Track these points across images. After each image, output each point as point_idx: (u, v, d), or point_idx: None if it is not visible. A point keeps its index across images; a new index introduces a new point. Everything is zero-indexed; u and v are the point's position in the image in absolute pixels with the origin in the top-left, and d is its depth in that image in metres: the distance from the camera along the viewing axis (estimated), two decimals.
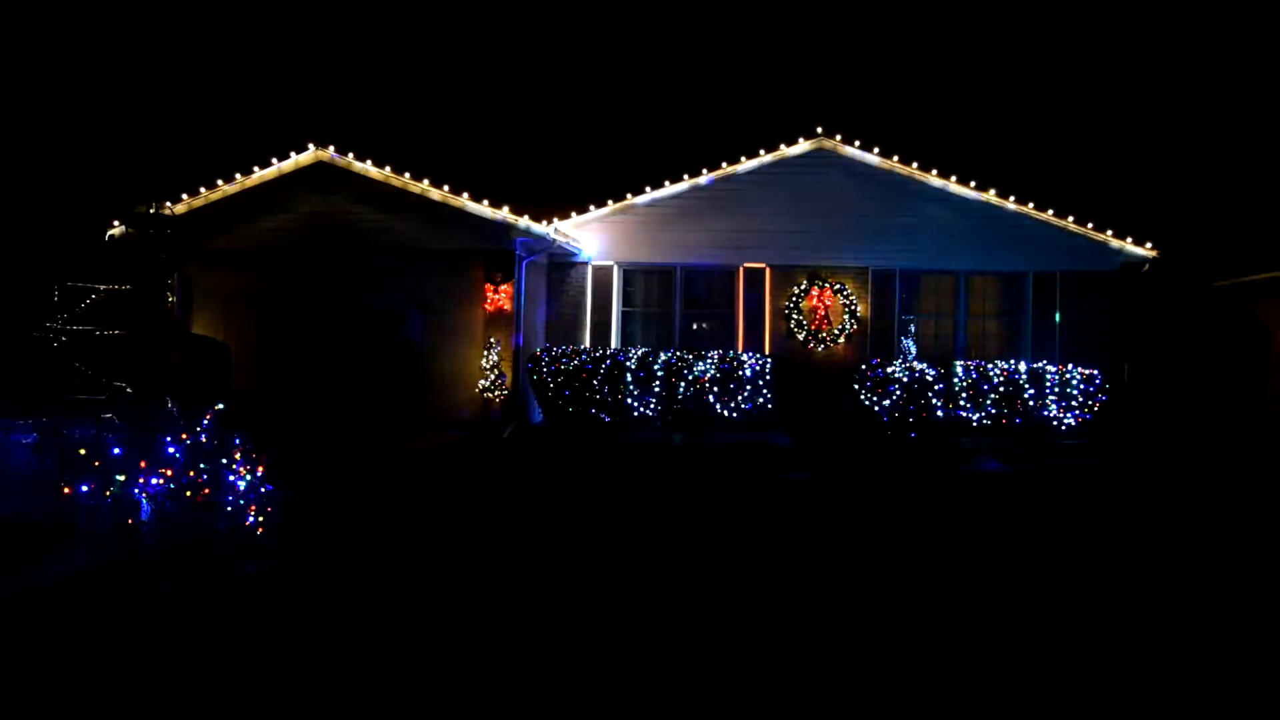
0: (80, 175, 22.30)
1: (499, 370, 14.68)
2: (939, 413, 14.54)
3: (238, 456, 6.40)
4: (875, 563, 7.24)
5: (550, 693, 4.64)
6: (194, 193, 15.33)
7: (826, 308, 16.25)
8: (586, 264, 16.75)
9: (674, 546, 7.63)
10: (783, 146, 16.42)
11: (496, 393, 14.65)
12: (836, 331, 16.23)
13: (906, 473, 11.62)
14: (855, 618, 5.85)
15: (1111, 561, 7.46)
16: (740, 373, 14.67)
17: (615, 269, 16.79)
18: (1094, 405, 14.62)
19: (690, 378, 14.60)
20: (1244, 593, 6.65)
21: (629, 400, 14.68)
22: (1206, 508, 9.91)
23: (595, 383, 14.68)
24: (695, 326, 16.94)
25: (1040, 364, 15.06)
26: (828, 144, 16.37)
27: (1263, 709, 4.68)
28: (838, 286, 16.27)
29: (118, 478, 6.02)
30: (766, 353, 16.01)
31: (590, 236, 16.69)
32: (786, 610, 5.98)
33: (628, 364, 14.68)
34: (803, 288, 16.36)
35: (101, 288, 12.57)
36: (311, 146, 15.26)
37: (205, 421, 6.35)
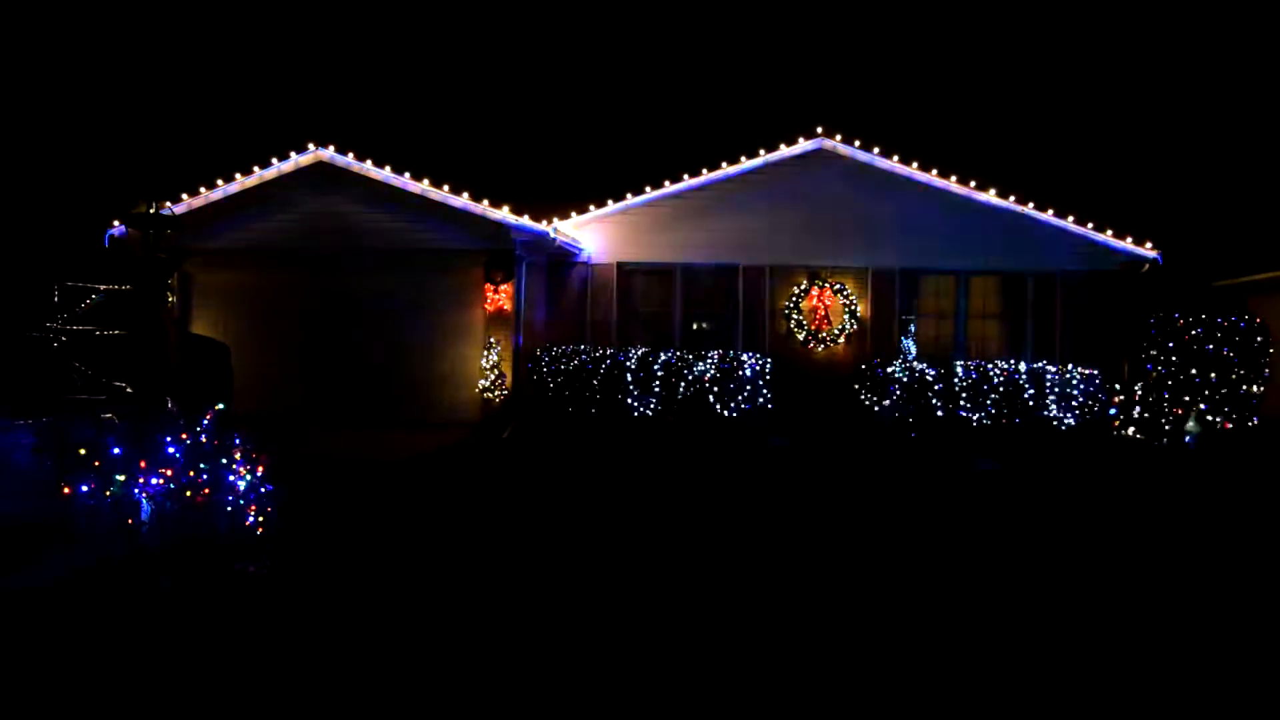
0: (80, 175, 22.30)
1: (499, 370, 14.67)
2: (939, 413, 14.54)
3: (238, 456, 6.40)
4: (870, 563, 7.24)
5: (549, 690, 4.64)
6: (194, 193, 15.34)
7: (826, 308, 16.25)
8: (586, 264, 16.75)
9: (672, 547, 7.63)
10: (782, 146, 16.42)
11: (496, 393, 14.65)
12: (836, 331, 16.23)
13: (906, 473, 11.62)
14: (851, 617, 5.85)
15: (1108, 562, 7.46)
16: (740, 373, 14.67)
17: (615, 269, 16.79)
18: (1094, 405, 14.62)
19: (690, 378, 14.60)
20: (1244, 594, 6.65)
21: (629, 400, 14.68)
22: (1208, 509, 9.91)
23: (595, 383, 14.69)
24: (695, 326, 16.94)
25: (1040, 364, 15.06)
26: (827, 144, 16.37)
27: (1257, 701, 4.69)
28: (838, 286, 16.27)
29: (118, 478, 6.02)
30: (766, 353, 16.01)
31: (590, 236, 16.69)
32: (784, 611, 5.98)
33: (628, 364, 14.68)
34: (803, 288, 16.36)
35: (101, 288, 12.57)
36: (311, 146, 15.26)
37: (205, 421, 6.35)
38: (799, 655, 5.17)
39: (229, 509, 6.21)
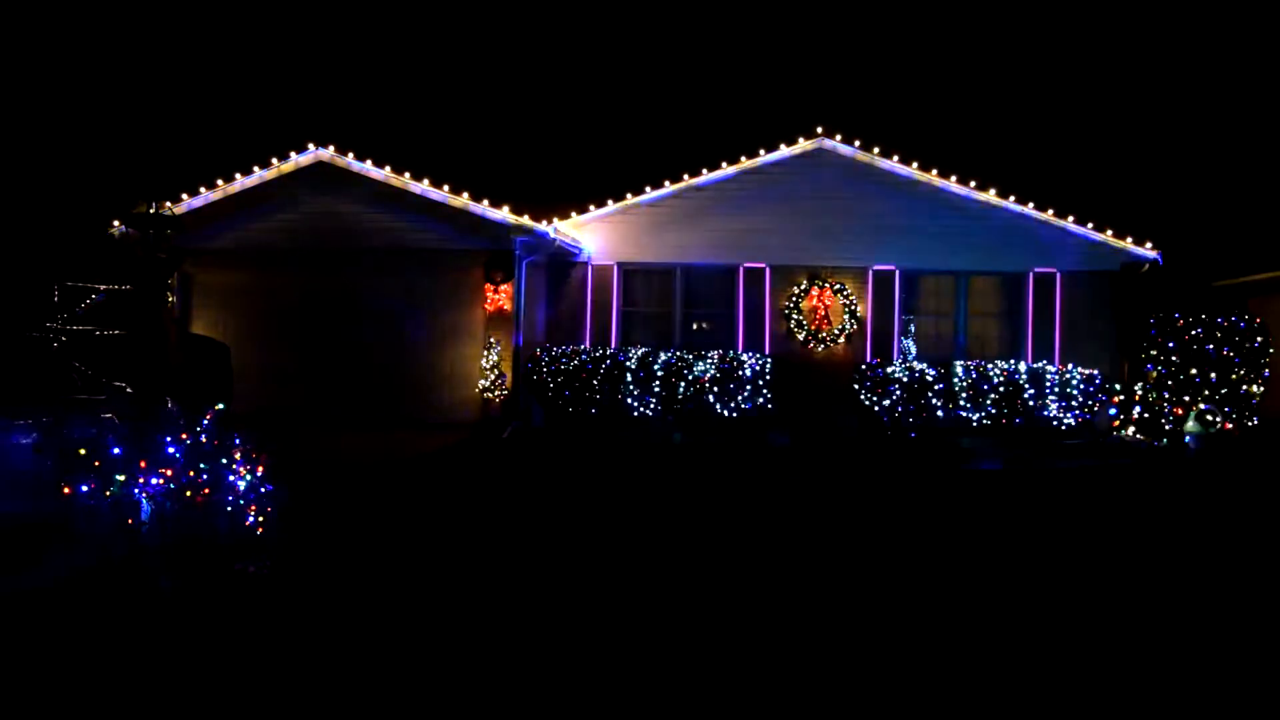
0: (80, 175, 22.29)
1: (499, 370, 14.67)
2: (939, 413, 14.54)
3: (238, 456, 6.40)
4: (871, 562, 7.24)
5: (548, 691, 4.64)
6: (194, 193, 15.34)
7: (826, 308, 16.25)
8: (586, 264, 16.75)
9: (673, 545, 7.63)
10: (782, 146, 16.41)
11: (496, 393, 14.65)
12: (836, 331, 16.22)
13: (906, 473, 11.62)
14: (851, 617, 5.85)
15: (1108, 561, 7.46)
16: (740, 373, 14.67)
17: (615, 269, 16.79)
18: (1094, 405, 14.62)
19: (690, 378, 14.60)
20: (1242, 594, 6.65)
21: (629, 400, 14.68)
22: (1207, 509, 9.91)
23: (595, 383, 14.68)
24: (695, 326, 16.94)
25: (1040, 364, 15.06)
26: (827, 143, 16.36)
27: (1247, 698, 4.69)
28: (838, 286, 16.27)
29: (118, 478, 6.02)
30: (766, 353, 16.01)
31: (590, 236, 16.69)
32: (783, 613, 5.98)
33: (628, 364, 14.68)
34: (803, 288, 16.36)
35: (101, 288, 12.57)
36: (311, 146, 15.26)
37: (205, 421, 6.35)
38: (797, 653, 5.17)
39: (229, 509, 6.21)
